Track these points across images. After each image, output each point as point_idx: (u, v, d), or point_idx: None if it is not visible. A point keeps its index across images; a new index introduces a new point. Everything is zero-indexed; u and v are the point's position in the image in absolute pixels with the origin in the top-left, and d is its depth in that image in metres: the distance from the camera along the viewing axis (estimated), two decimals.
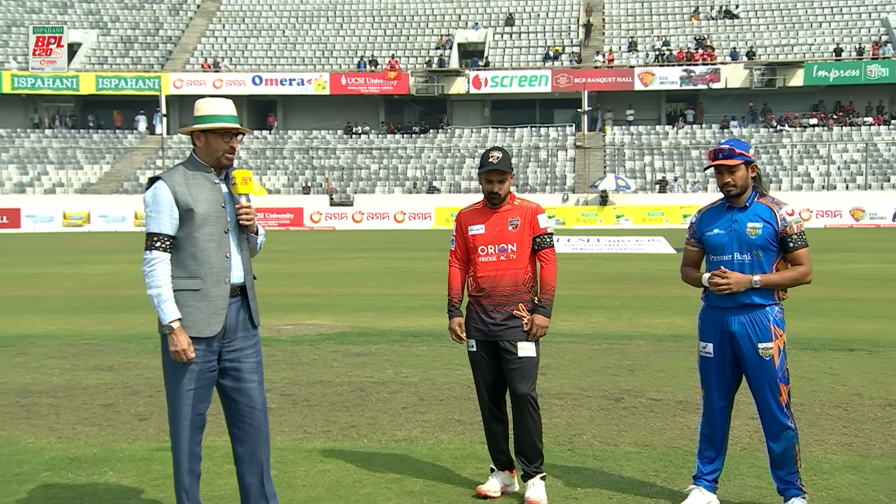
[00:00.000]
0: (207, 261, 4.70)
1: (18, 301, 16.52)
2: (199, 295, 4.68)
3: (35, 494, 5.70)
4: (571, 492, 5.65)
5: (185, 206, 4.65)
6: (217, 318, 4.71)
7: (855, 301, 15.17)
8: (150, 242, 4.65)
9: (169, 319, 4.60)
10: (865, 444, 6.70)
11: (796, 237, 5.12)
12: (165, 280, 4.64)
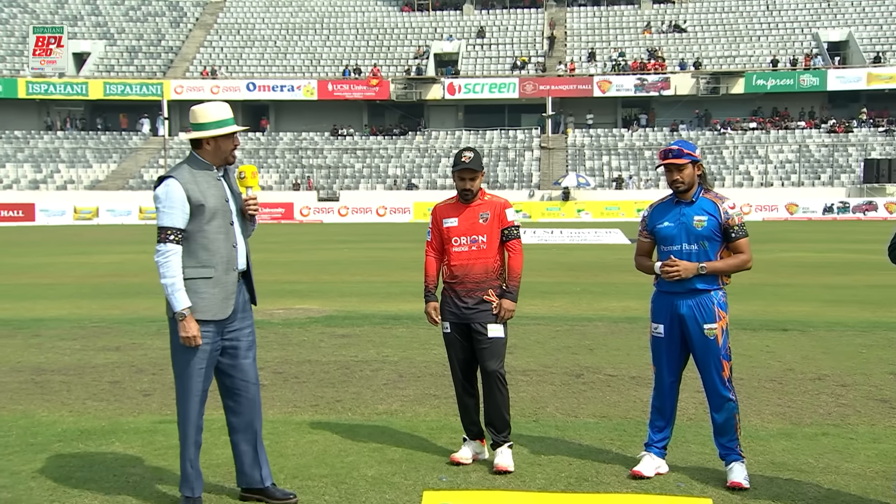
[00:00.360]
0: (218, 251, 4.72)
1: (33, 288, 16.42)
2: (212, 282, 4.70)
3: (48, 463, 5.67)
4: (536, 459, 5.67)
5: (196, 201, 4.65)
6: (229, 301, 4.76)
7: (789, 286, 15.30)
8: (164, 236, 4.62)
9: (181, 307, 4.60)
10: (797, 414, 6.78)
11: (738, 228, 5.17)
12: (178, 271, 4.63)
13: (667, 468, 5.37)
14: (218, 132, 4.73)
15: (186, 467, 4.77)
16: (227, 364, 4.86)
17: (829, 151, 50.00)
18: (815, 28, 55.90)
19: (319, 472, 5.43)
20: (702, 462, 5.56)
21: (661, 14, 59.13)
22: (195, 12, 62.14)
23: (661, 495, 4.76)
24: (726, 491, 5.05)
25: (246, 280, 4.94)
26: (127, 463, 5.68)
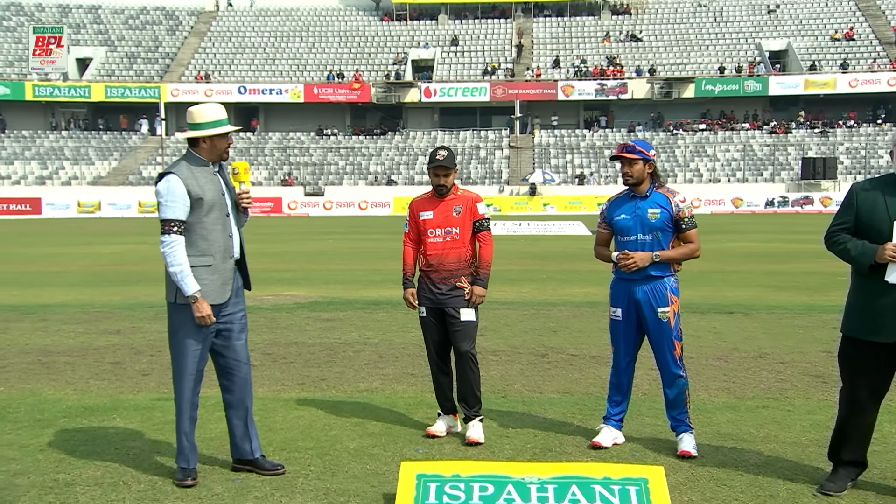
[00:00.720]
0: (216, 241, 4.73)
1: (40, 276, 16.27)
2: (211, 269, 4.70)
3: (54, 437, 5.65)
4: (504, 431, 5.70)
5: (196, 195, 4.65)
6: (227, 287, 4.77)
7: (734, 273, 15.44)
8: (168, 227, 4.61)
9: (192, 291, 4.61)
10: (741, 389, 6.85)
11: (688, 220, 5.20)
12: (184, 258, 4.62)
13: (623, 439, 5.42)
14: (213, 131, 4.72)
15: (182, 440, 4.78)
16: (220, 345, 4.88)
17: (771, 151, 50.44)
18: (758, 38, 56.27)
19: (305, 444, 5.43)
20: (655, 433, 5.61)
21: (619, 25, 59.27)
22: (190, 21, 61.64)
23: (618, 463, 4.79)
24: (677, 459, 5.10)
25: (240, 267, 4.94)
26: (127, 437, 5.67)
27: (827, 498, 4.49)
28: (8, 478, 4.88)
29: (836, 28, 55.95)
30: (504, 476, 4.41)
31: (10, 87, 54.44)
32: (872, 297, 4.46)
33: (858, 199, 4.54)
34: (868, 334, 4.49)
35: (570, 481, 4.36)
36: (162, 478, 4.87)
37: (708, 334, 9.17)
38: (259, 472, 4.90)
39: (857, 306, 4.56)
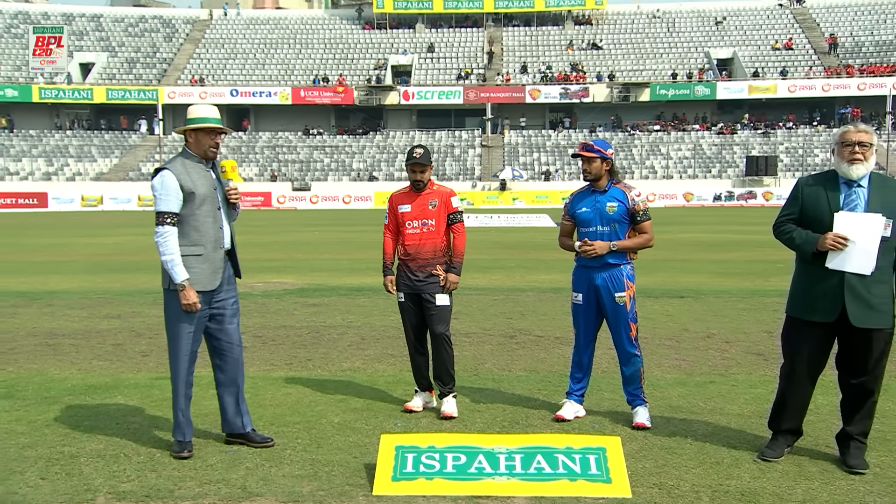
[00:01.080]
0: (207, 232, 4.70)
1: (46, 264, 16.09)
2: (202, 259, 4.68)
3: (60, 413, 5.61)
4: (476, 406, 5.71)
5: (188, 189, 4.62)
6: (217, 275, 4.74)
7: (685, 261, 15.54)
8: (162, 219, 4.59)
9: (181, 279, 4.59)
10: (690, 366, 6.91)
11: (642, 213, 5.23)
12: (175, 249, 4.60)
13: (584, 412, 5.45)
14: (194, 126, 4.69)
15: (178, 415, 4.77)
16: (214, 328, 4.86)
17: (718, 150, 50.81)
18: (707, 48, 56.60)
19: (293, 419, 5.42)
20: (613, 407, 5.64)
21: (581, 34, 59.35)
22: (185, 29, 60.98)
23: (579, 434, 4.82)
24: (632, 430, 5.14)
25: (231, 257, 4.90)
26: (128, 413, 5.64)
27: (766, 463, 4.55)
28: (17, 450, 4.86)
29: (776, 39, 56.39)
30: (475, 447, 4.43)
31: (18, 90, 53.76)
32: (813, 282, 4.53)
33: (803, 193, 4.59)
34: (808, 315, 4.55)
35: (535, 451, 4.39)
36: (160, 450, 4.85)
37: (661, 317, 9.24)
38: (250, 444, 4.88)
39: (800, 289, 4.61)
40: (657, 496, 4.12)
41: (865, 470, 4.42)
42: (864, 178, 4.45)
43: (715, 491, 4.18)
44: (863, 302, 4.38)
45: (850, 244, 4.34)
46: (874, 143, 4.43)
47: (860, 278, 4.37)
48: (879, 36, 55.15)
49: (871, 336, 4.42)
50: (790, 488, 4.22)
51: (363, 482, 4.31)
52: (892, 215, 4.35)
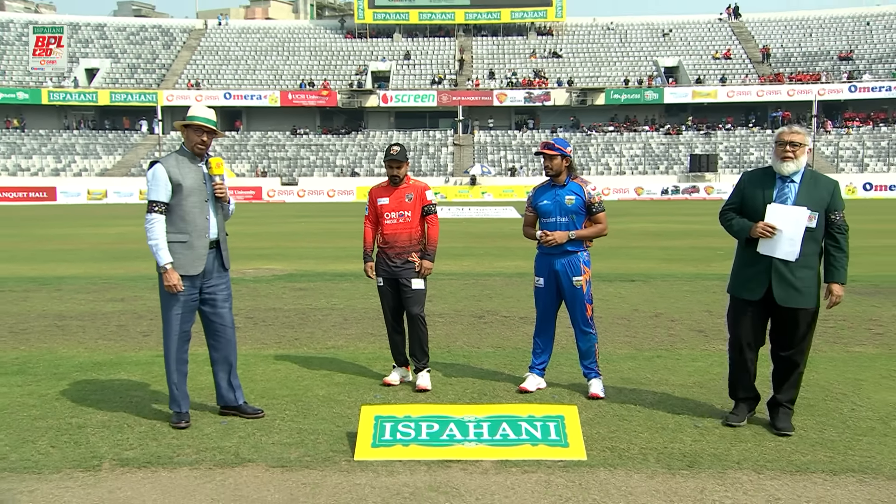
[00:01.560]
0: (193, 221, 4.64)
1: (56, 253, 15.83)
2: (186, 245, 4.62)
3: (68, 388, 5.56)
4: (448, 380, 5.72)
5: (176, 181, 4.59)
6: (199, 261, 4.67)
7: (636, 248, 15.66)
8: (151, 207, 4.57)
9: (164, 262, 4.56)
10: (639, 342, 6.97)
11: (598, 205, 5.26)
12: (161, 234, 4.57)
13: (545, 384, 5.48)
14: (185, 123, 4.66)
15: (172, 389, 4.74)
16: (209, 312, 4.83)
17: (665, 149, 51.19)
18: (655, 57, 56.88)
19: (282, 392, 5.39)
20: (570, 379, 5.68)
21: (543, 44, 59.34)
22: (182, 37, 60.08)
23: (540, 404, 4.85)
24: (588, 399, 5.18)
25: (218, 248, 4.80)
26: (130, 388, 5.58)
27: (707, 428, 4.61)
28: (30, 421, 4.82)
29: (716, 49, 56.82)
30: (447, 416, 4.44)
31: (29, 93, 52.83)
32: (746, 264, 4.61)
33: (745, 185, 4.69)
34: (741, 293, 4.65)
35: (501, 419, 4.41)
36: (160, 421, 4.81)
37: (614, 298, 9.30)
38: (242, 415, 4.86)
39: (736, 271, 4.72)
40: (609, 458, 4.16)
41: (791, 432, 4.50)
42: (798, 175, 4.52)
43: (661, 453, 4.23)
44: (788, 284, 4.46)
45: (778, 233, 4.42)
46: (806, 144, 4.48)
47: (786, 263, 4.45)
48: (806, 48, 55.83)
49: (796, 314, 4.50)
50: (727, 450, 4.28)
51: (345, 449, 4.31)
52: (817, 209, 4.43)
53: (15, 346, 7.00)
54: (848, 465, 4.07)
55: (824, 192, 4.48)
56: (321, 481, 3.90)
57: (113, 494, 3.78)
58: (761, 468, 4.03)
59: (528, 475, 3.94)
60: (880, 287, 10.08)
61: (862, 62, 53.61)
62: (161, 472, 4.04)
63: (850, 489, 3.78)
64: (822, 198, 4.45)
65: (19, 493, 3.80)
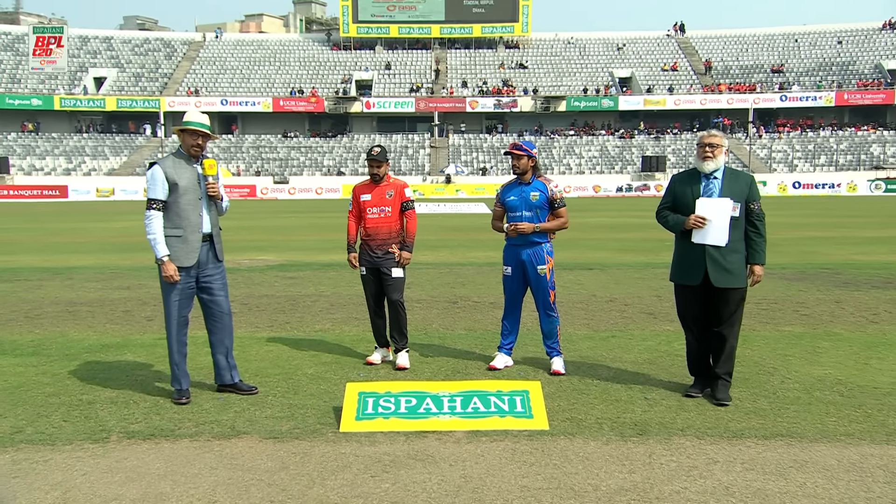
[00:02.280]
0: (187, 218, 4.58)
1: (67, 245, 15.55)
2: (181, 240, 4.58)
3: (79, 368, 5.49)
4: (425, 359, 5.72)
5: (172, 181, 4.53)
6: (193, 254, 4.61)
7: (594, 240, 15.75)
8: (150, 204, 4.53)
9: (161, 255, 4.52)
10: (596, 324, 7.01)
11: (559, 200, 5.27)
12: (159, 229, 4.52)
13: (512, 363, 5.50)
14: (181, 128, 4.62)
15: (173, 368, 4.70)
16: (207, 299, 4.78)
17: (620, 151, 51.49)
18: (611, 68, 57.11)
19: (274, 371, 5.36)
20: (535, 358, 5.70)
21: (511, 56, 59.27)
22: (183, 49, 59.11)
23: (508, 380, 4.87)
24: (550, 376, 5.20)
25: (212, 242, 4.72)
26: (136, 367, 5.52)
27: (656, 399, 4.66)
28: (44, 398, 4.76)
29: (665, 62, 57.20)
30: (424, 392, 4.44)
31: (43, 100, 51.77)
32: (683, 254, 4.71)
33: (675, 186, 4.79)
34: (682, 279, 4.73)
35: (472, 394, 4.42)
36: (163, 398, 4.76)
37: (574, 285, 9.35)
38: (238, 392, 4.82)
39: (676, 260, 4.81)
40: (569, 428, 4.19)
41: (729, 402, 4.58)
42: (719, 172, 4.64)
43: (614, 422, 4.27)
44: (721, 267, 4.56)
45: (707, 223, 4.54)
46: (723, 145, 4.60)
47: (717, 249, 4.56)
48: (743, 61, 56.42)
49: (728, 294, 4.60)
50: (672, 419, 4.33)
51: (332, 422, 4.29)
52: (739, 199, 4.56)
53: (30, 329, 6.89)
54: (777, 430, 4.15)
55: (743, 185, 4.62)
56: (310, 451, 3.89)
57: (120, 464, 3.74)
58: (702, 434, 4.08)
59: (497, 444, 3.96)
60: (806, 273, 10.26)
61: (791, 74, 54.34)
62: (164, 443, 4.00)
63: (779, 451, 3.86)
64: (741, 190, 4.58)
65: (35, 462, 3.75)
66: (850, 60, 54.64)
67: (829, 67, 54.43)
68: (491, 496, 3.35)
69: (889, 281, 9.54)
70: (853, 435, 4.07)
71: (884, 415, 4.38)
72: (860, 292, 8.67)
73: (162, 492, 3.43)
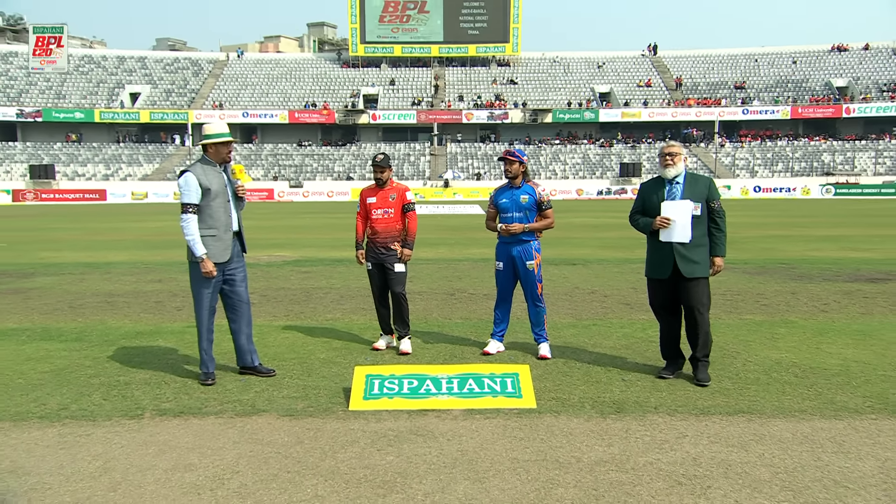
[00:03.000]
0: (219, 218, 4.59)
1: (106, 243, 15.51)
2: (215, 238, 4.59)
3: (117, 352, 5.49)
4: (425, 345, 5.71)
5: (205, 186, 4.53)
6: (227, 251, 4.63)
7: (577, 238, 15.74)
8: (185, 209, 4.51)
9: (200, 253, 4.52)
10: (580, 313, 7.00)
11: (546, 203, 5.27)
12: (196, 230, 4.52)
13: (504, 348, 5.49)
14: (214, 141, 4.59)
15: (202, 353, 4.69)
16: (228, 290, 4.77)
17: (601, 158, 51.43)
18: (592, 84, 57.00)
19: (290, 356, 5.35)
20: (524, 344, 5.69)
21: (502, 73, 59.12)
22: (209, 67, 58.90)
23: (500, 364, 4.87)
24: (538, 360, 5.20)
25: (239, 237, 4.77)
26: (167, 352, 5.51)
27: (633, 380, 4.67)
28: (86, 379, 4.77)
29: (640, 79, 57.10)
30: (425, 374, 4.45)
31: (85, 113, 51.82)
32: (654, 251, 4.75)
33: (643, 193, 4.85)
34: (654, 274, 4.76)
35: (468, 376, 4.42)
36: (191, 379, 4.76)
37: (559, 278, 9.35)
38: (258, 374, 4.81)
39: (648, 258, 4.84)
40: (554, 406, 4.19)
41: (709, 382, 4.59)
42: (681, 177, 4.69)
43: (595, 401, 4.28)
44: (688, 260, 4.60)
45: (672, 223, 4.58)
46: (681, 153, 4.67)
47: (683, 245, 4.59)
48: (709, 78, 56.38)
49: (696, 284, 4.62)
50: (647, 398, 4.34)
51: (342, 401, 4.29)
52: (699, 200, 4.62)
53: (73, 318, 6.88)
54: (739, 407, 4.16)
55: (703, 186, 4.66)
56: (322, 427, 3.89)
57: (153, 438, 3.74)
58: (673, 412, 4.09)
59: (490, 420, 3.96)
60: (766, 268, 10.27)
61: (752, 91, 54.35)
62: (192, 420, 4.00)
63: (741, 426, 3.87)
64: (701, 192, 4.63)
65: (78, 436, 3.76)
66: (804, 78, 54.74)
67: (786, 84, 54.50)
68: (484, 467, 3.35)
69: (838, 274, 9.56)
70: (806, 411, 4.08)
71: (832, 393, 4.40)
72: (813, 284, 8.68)
73: (190, 462, 3.43)
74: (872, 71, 54.35)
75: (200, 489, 3.16)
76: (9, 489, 3.02)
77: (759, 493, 3.07)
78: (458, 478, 3.23)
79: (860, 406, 4.16)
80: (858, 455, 3.47)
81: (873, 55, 55.82)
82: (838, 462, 3.40)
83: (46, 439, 3.74)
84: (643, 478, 3.22)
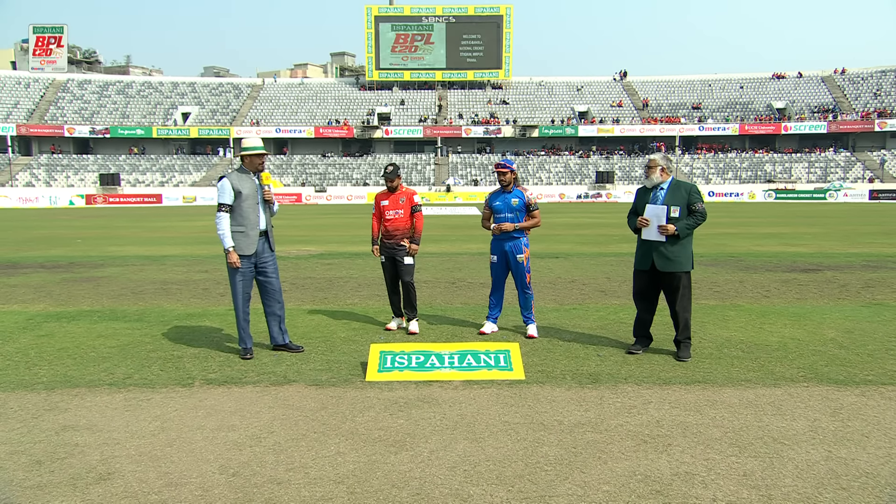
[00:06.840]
0: (249, 218, 4.58)
1: (161, 239, 15.51)
2: (243, 235, 4.58)
3: (171, 330, 5.51)
4: (430, 326, 5.70)
5: (237, 190, 4.53)
6: (252, 245, 4.61)
7: (559, 235, 15.65)
8: (220, 208, 4.52)
9: (227, 246, 4.52)
10: (562, 298, 6.98)
11: (534, 205, 5.25)
12: (227, 226, 4.52)
13: (497, 329, 5.48)
14: (250, 153, 4.61)
15: (240, 332, 4.69)
16: (262, 280, 4.77)
17: (580, 167, 51.19)
18: (572, 104, 56.66)
19: (315, 335, 5.36)
20: (515, 325, 5.69)
21: (496, 95, 58.79)
22: (247, 90, 58.70)
23: (494, 342, 4.87)
24: (526, 339, 5.19)
25: (266, 236, 4.74)
26: (213, 331, 5.52)
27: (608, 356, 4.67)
28: (146, 353, 4.80)
29: (613, 100, 56.77)
30: (430, 351, 4.45)
31: (144, 130, 51.81)
32: (639, 246, 4.77)
33: (637, 197, 4.83)
34: (639, 266, 4.76)
35: (467, 353, 4.42)
36: (233, 354, 4.77)
37: (545, 269, 9.32)
38: (288, 351, 4.82)
39: (636, 252, 4.83)
40: (540, 378, 4.20)
41: (689, 359, 4.56)
42: (665, 184, 4.66)
43: (574, 374, 4.28)
44: (663, 256, 4.58)
45: (650, 223, 4.58)
46: (658, 165, 4.65)
47: (660, 242, 4.58)
48: (671, 100, 56.07)
49: (673, 277, 4.61)
50: (618, 371, 4.34)
51: (359, 373, 4.30)
52: (679, 204, 4.59)
53: (135, 302, 6.90)
54: (695, 378, 4.16)
55: (684, 192, 4.63)
56: (343, 395, 3.90)
57: (202, 403, 3.76)
58: (640, 382, 4.10)
59: (485, 390, 3.97)
60: (719, 261, 10.25)
61: (707, 110, 54.12)
62: (234, 388, 4.02)
63: (697, 393, 3.87)
64: (682, 196, 4.60)
65: (140, 400, 3.78)
66: (749, 101, 54.65)
67: (734, 106, 54.35)
68: (480, 429, 3.36)
69: (778, 266, 9.54)
70: (750, 380, 4.09)
71: (772, 365, 4.41)
72: (757, 274, 8.66)
73: (233, 424, 3.45)
74: (805, 95, 54.49)
75: (241, 446, 3.18)
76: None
77: (711, 450, 3.09)
78: (458, 438, 3.25)
79: (795, 376, 4.17)
80: (793, 416, 3.49)
81: (806, 82, 55.99)
82: (777, 423, 3.41)
83: (115, 403, 3.77)
84: (615, 437, 3.23)
